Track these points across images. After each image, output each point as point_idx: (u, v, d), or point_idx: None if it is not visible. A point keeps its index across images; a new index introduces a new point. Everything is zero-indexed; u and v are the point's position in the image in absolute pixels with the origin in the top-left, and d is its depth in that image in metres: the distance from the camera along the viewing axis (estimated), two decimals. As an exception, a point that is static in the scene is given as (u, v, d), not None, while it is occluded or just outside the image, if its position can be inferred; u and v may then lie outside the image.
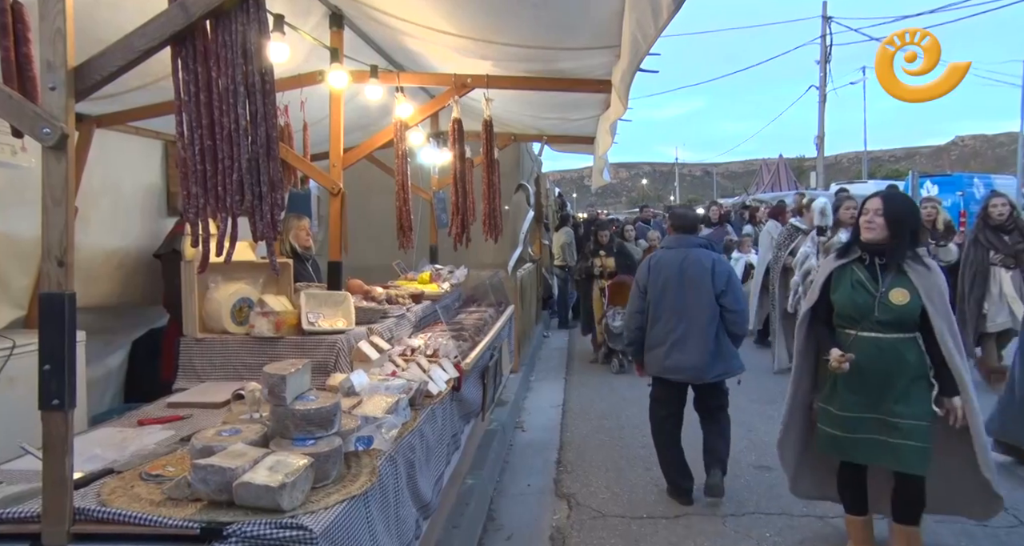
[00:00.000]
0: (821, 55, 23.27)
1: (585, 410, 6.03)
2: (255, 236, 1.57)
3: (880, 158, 73.17)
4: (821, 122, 23.90)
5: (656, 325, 4.06)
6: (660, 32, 1.88)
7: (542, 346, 9.28)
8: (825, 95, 23.61)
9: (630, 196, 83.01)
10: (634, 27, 1.99)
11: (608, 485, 4.40)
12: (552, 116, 5.15)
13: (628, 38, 2.12)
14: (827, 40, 22.98)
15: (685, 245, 4.12)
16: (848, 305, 3.01)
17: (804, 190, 17.32)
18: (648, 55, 2.18)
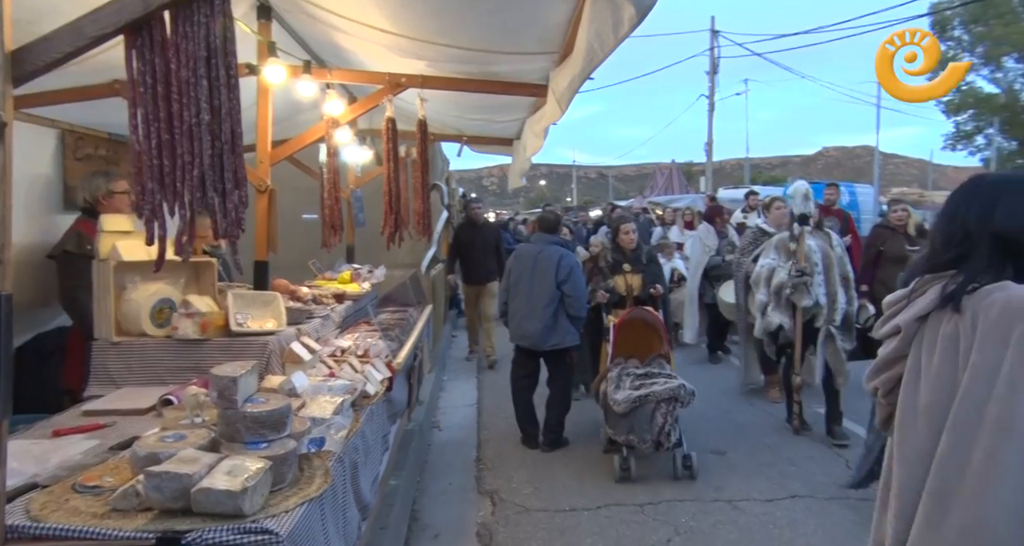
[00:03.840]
0: (710, 66, 24.63)
1: (500, 408, 6.11)
2: (217, 234, 1.52)
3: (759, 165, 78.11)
4: (710, 129, 25.28)
5: (514, 301, 5.06)
6: (619, 43, 1.97)
7: (451, 345, 9.30)
8: (713, 104, 25.00)
9: (528, 197, 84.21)
10: (592, 36, 2.06)
11: (530, 480, 4.51)
12: (478, 117, 5.19)
13: (584, 46, 2.20)
14: (715, 52, 24.36)
15: (543, 242, 5.13)
16: None
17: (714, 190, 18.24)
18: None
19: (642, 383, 4.42)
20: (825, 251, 5.04)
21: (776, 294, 5.02)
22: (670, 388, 4.26)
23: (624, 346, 4.95)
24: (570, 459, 4.88)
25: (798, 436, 5.17)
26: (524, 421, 5.17)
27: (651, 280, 5.27)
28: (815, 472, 4.49)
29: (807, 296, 4.88)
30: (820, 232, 5.14)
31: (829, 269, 5.01)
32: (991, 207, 1.46)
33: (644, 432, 4.18)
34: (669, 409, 4.21)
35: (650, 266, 5.34)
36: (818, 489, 4.22)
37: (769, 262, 5.15)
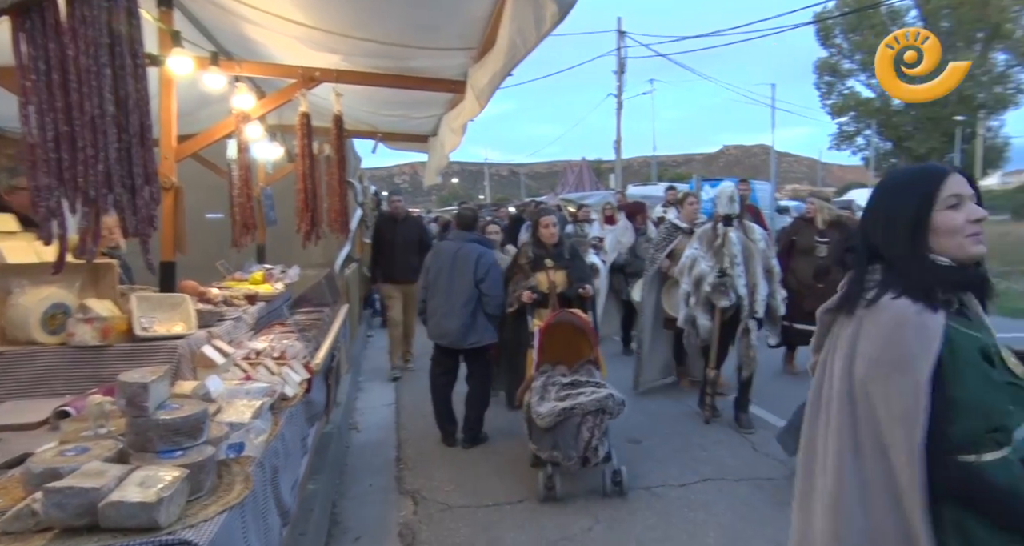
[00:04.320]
0: (617, 66, 25.27)
1: (419, 407, 6.05)
2: (126, 233, 1.43)
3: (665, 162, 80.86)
4: (618, 128, 25.95)
5: (433, 299, 5.00)
6: (541, 39, 1.99)
7: (367, 346, 9.14)
8: (621, 103, 25.68)
9: (441, 195, 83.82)
10: (514, 33, 2.08)
11: (451, 477, 4.50)
12: (393, 113, 5.10)
13: (506, 43, 2.20)
14: (622, 53, 25.02)
15: (462, 239, 5.08)
16: (991, 404, 1.37)
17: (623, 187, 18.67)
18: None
19: (568, 393, 4.09)
20: (745, 244, 5.10)
21: (696, 285, 5.08)
22: (597, 399, 3.94)
23: (551, 352, 4.57)
24: (491, 454, 4.90)
25: (708, 423, 5.40)
26: (443, 419, 5.16)
27: (576, 277, 4.91)
28: (724, 456, 4.71)
29: (725, 297, 4.96)
30: (740, 225, 5.20)
31: (749, 261, 5.08)
32: (867, 209, 1.55)
33: (569, 448, 3.87)
34: (596, 422, 3.91)
35: (574, 262, 5.00)
36: (727, 472, 4.43)
37: (692, 253, 5.18)
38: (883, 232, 1.47)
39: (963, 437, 1.35)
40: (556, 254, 4.92)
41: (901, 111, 39.38)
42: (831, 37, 40.46)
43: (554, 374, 4.44)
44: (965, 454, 1.37)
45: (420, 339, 6.63)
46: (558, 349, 4.62)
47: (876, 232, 1.50)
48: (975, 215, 1.42)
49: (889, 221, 1.46)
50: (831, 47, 40.72)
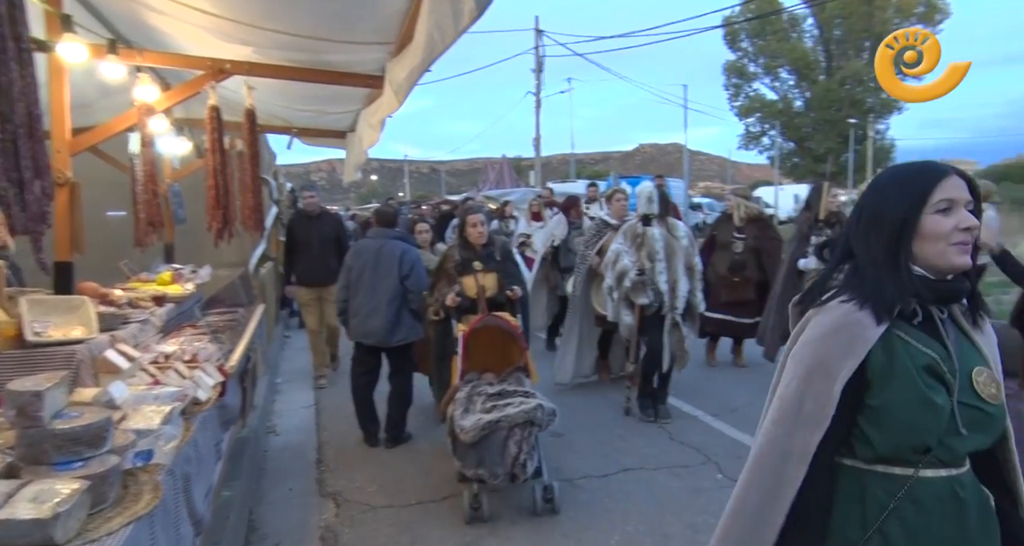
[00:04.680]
0: (535, 64, 25.50)
1: (339, 408, 5.93)
2: (14, 230, 1.33)
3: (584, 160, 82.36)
4: (537, 126, 26.21)
5: (356, 298, 4.89)
6: (459, 34, 1.98)
7: (284, 347, 8.87)
8: (540, 101, 25.94)
9: (359, 192, 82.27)
10: (432, 27, 2.05)
11: (374, 478, 4.43)
12: (309, 108, 4.94)
13: (424, 38, 2.18)
14: (539, 51, 25.28)
15: (384, 236, 5.00)
16: (918, 421, 1.32)
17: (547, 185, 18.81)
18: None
19: (495, 404, 3.81)
20: (667, 240, 5.15)
21: (618, 280, 5.13)
22: (525, 410, 3.66)
23: (477, 359, 4.32)
24: (414, 453, 4.87)
25: (627, 415, 5.53)
26: (365, 419, 5.08)
27: (507, 280, 4.54)
28: (643, 446, 4.85)
29: (644, 295, 5.04)
30: (663, 221, 5.25)
31: (671, 258, 5.13)
32: (857, 205, 1.48)
33: (496, 465, 3.59)
34: (525, 435, 3.64)
35: (505, 263, 4.64)
36: (646, 461, 4.56)
37: (617, 247, 5.24)
38: (865, 230, 1.41)
39: (887, 449, 1.34)
40: (485, 256, 4.55)
41: (802, 113, 41.65)
42: (738, 41, 42.29)
43: (480, 383, 4.15)
44: (894, 466, 1.35)
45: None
46: (485, 356, 4.37)
47: (858, 229, 1.43)
48: (965, 223, 1.33)
49: (874, 219, 1.39)
50: (738, 50, 42.57)
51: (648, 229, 5.09)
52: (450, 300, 4.42)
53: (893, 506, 1.33)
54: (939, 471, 1.35)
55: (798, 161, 42.96)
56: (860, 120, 40.09)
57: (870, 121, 40.69)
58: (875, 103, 40.33)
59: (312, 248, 6.49)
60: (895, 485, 1.34)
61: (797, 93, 42.35)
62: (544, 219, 9.05)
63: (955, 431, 1.32)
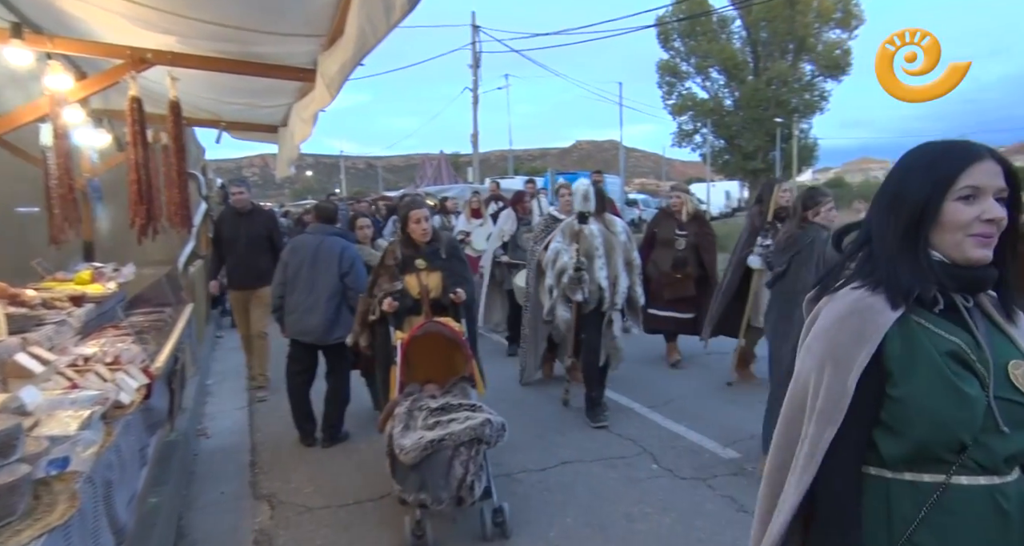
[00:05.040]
0: (472, 60, 25.45)
1: (274, 408, 5.80)
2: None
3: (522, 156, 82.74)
4: (475, 122, 26.17)
5: (293, 295, 4.81)
6: (391, 28, 1.96)
7: (216, 347, 8.60)
8: (477, 97, 25.91)
9: (294, 188, 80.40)
10: (363, 20, 2.02)
11: (311, 478, 4.36)
12: (238, 101, 4.78)
13: (355, 31, 2.14)
14: (476, 47, 25.24)
15: (323, 232, 4.94)
16: (947, 412, 1.19)
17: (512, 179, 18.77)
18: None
19: (438, 420, 3.49)
20: (606, 236, 5.16)
21: (559, 278, 5.12)
22: (471, 427, 3.35)
23: (419, 368, 3.98)
24: (352, 452, 4.81)
25: (566, 408, 5.60)
26: (301, 419, 4.98)
27: (453, 280, 4.19)
28: (581, 439, 4.92)
29: (580, 292, 5.04)
30: (601, 218, 5.25)
31: (610, 254, 5.13)
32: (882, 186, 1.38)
33: (439, 489, 3.23)
34: (472, 454, 3.31)
35: (451, 262, 4.26)
36: (584, 454, 4.63)
37: (556, 246, 5.22)
38: (884, 211, 1.31)
39: (916, 447, 1.20)
40: (430, 253, 4.20)
41: (732, 112, 42.98)
42: (670, 40, 43.25)
43: (421, 397, 3.77)
44: (923, 472, 1.21)
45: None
46: (427, 365, 4.02)
47: (878, 210, 1.33)
48: (989, 213, 1.21)
49: (895, 200, 1.30)
50: (670, 50, 43.55)
51: (585, 226, 5.08)
52: (387, 306, 4.06)
53: (922, 516, 1.19)
54: (977, 478, 1.20)
55: (729, 158, 44.33)
56: (785, 119, 41.71)
57: (795, 120, 42.36)
58: (799, 103, 42.02)
59: (240, 248, 6.07)
60: (923, 495, 1.20)
61: (727, 92, 43.65)
62: (483, 216, 9.04)
63: (994, 429, 1.18)
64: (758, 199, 5.96)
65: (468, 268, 4.58)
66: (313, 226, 5.16)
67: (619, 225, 5.37)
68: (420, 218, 4.20)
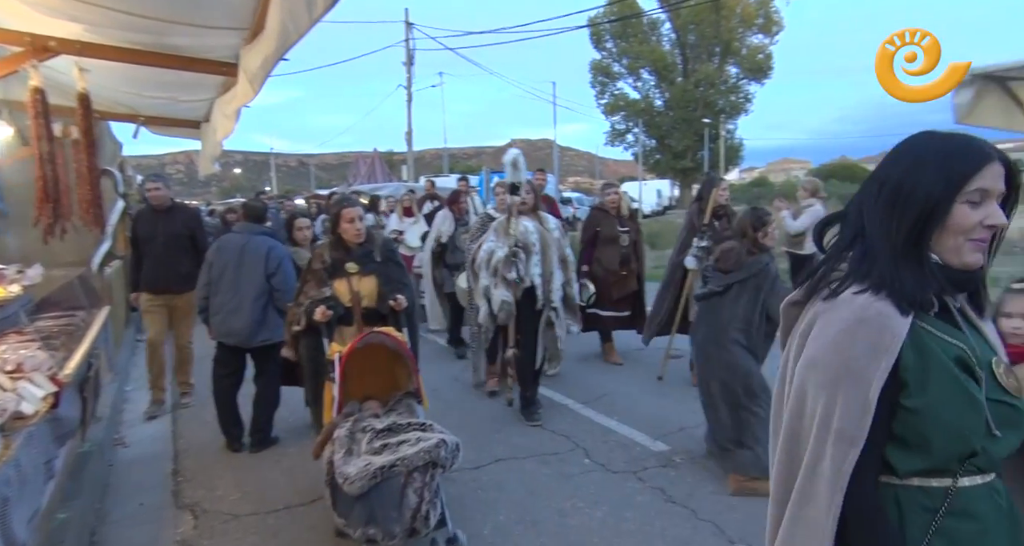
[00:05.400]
0: (406, 57, 25.18)
1: (198, 413, 5.59)
2: None
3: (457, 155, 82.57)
4: (409, 119, 25.92)
5: (217, 296, 4.69)
6: (314, 23, 1.91)
7: (136, 352, 8.21)
8: (411, 95, 25.66)
9: (221, 186, 77.88)
10: (285, 15, 1.96)
11: (238, 485, 4.22)
12: (157, 95, 4.55)
13: (276, 25, 2.07)
14: (410, 44, 24.99)
15: (250, 231, 4.81)
16: (964, 422, 1.18)
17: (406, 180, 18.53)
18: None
19: (385, 443, 3.14)
20: (541, 233, 5.08)
21: (494, 273, 4.99)
22: (425, 450, 3.02)
23: (358, 384, 3.58)
24: (281, 456, 4.68)
25: (498, 405, 5.61)
26: (228, 423, 4.83)
27: (389, 286, 3.84)
28: (515, 435, 4.94)
29: (515, 269, 4.88)
30: (535, 215, 5.18)
31: (545, 250, 5.06)
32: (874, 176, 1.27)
33: (391, 522, 2.88)
34: (426, 480, 2.98)
35: (387, 266, 3.92)
36: (518, 451, 4.65)
37: (490, 245, 5.05)
38: (886, 207, 1.21)
39: (932, 459, 1.16)
40: (363, 256, 3.86)
41: (662, 112, 44.11)
42: (603, 41, 44.01)
43: (363, 416, 3.39)
44: (931, 477, 1.18)
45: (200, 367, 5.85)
46: (366, 380, 3.65)
47: (876, 204, 1.22)
48: (992, 219, 1.16)
49: (900, 194, 1.19)
50: (603, 50, 44.31)
51: (515, 200, 4.92)
52: (320, 315, 3.65)
53: (936, 526, 1.16)
54: (975, 478, 1.19)
55: (660, 157, 45.45)
56: (713, 120, 43.08)
57: (721, 121, 43.80)
58: (725, 104, 43.50)
59: (158, 247, 5.54)
60: (935, 500, 1.17)
61: (657, 93, 44.75)
62: (416, 214, 8.94)
63: (988, 431, 1.16)
64: (698, 196, 6.05)
65: (406, 272, 4.22)
66: (240, 225, 5.02)
67: (552, 222, 5.32)
68: (353, 217, 3.84)
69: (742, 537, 3.43)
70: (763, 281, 3.89)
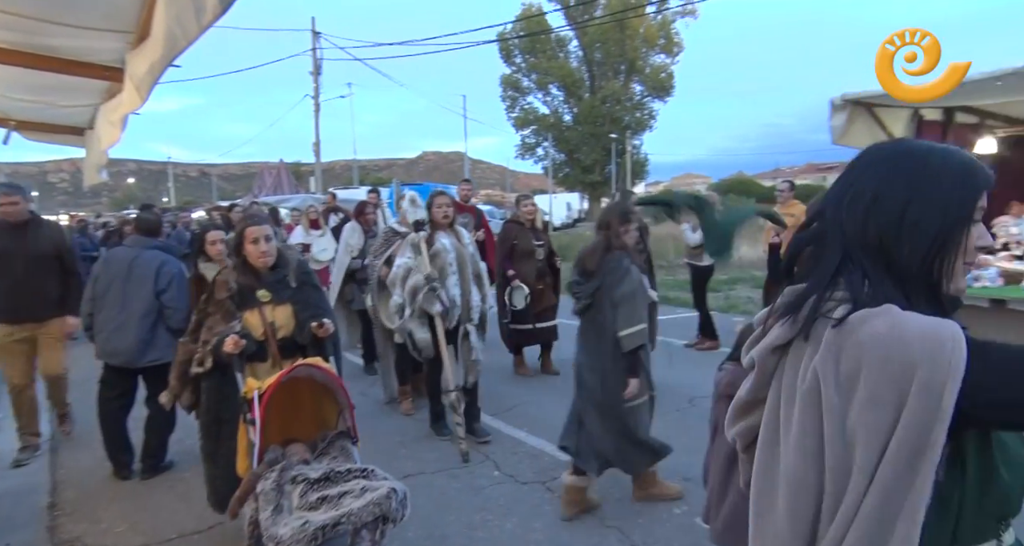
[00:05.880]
0: (313, 67, 24.65)
1: (82, 439, 5.20)
2: None
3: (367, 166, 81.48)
4: (317, 130, 25.36)
5: (102, 312, 4.43)
6: (203, 30, 1.82)
7: (11, 376, 7.57)
8: (319, 105, 25.13)
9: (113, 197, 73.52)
10: (172, 21, 1.87)
11: (125, 515, 3.96)
12: (32, 99, 4.20)
13: (163, 30, 1.97)
14: (317, 53, 24.49)
15: (141, 245, 4.59)
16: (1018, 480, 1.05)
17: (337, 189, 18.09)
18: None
19: (324, 495, 2.64)
20: (458, 250, 4.93)
21: (412, 296, 4.73)
22: (375, 502, 2.57)
23: (277, 426, 3.05)
24: (175, 481, 4.43)
25: (404, 419, 5.53)
26: (116, 449, 4.54)
27: (307, 313, 3.34)
28: (423, 450, 4.89)
29: (436, 303, 4.71)
30: (451, 230, 5.02)
31: (463, 268, 4.91)
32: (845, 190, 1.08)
33: None
34: (376, 539, 2.58)
35: (304, 292, 3.41)
36: (426, 466, 4.59)
37: (405, 261, 4.79)
38: (889, 226, 1.02)
39: (994, 511, 1.01)
40: (274, 282, 3.33)
41: (571, 127, 45.22)
42: (512, 56, 44.73)
43: (291, 463, 2.83)
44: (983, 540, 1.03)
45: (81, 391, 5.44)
46: (288, 420, 3.12)
47: (871, 223, 1.03)
48: (984, 240, 1.05)
49: (927, 204, 1.01)
50: (512, 65, 45.02)
51: (422, 236, 4.81)
52: (231, 345, 3.07)
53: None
54: (1010, 535, 1.06)
55: (569, 171, 46.50)
56: (619, 135, 44.54)
57: (628, 136, 45.35)
58: (631, 120, 45.10)
59: (17, 268, 4.70)
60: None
61: (566, 108, 45.84)
62: (323, 227, 8.71)
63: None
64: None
65: (326, 298, 3.74)
66: (131, 238, 4.75)
67: (466, 236, 5.19)
68: (257, 237, 3.26)
69: (645, 541, 3.52)
70: (616, 277, 3.67)
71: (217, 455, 3.32)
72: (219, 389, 3.29)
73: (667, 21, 43.82)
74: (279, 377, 2.89)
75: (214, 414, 3.33)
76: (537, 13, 41.87)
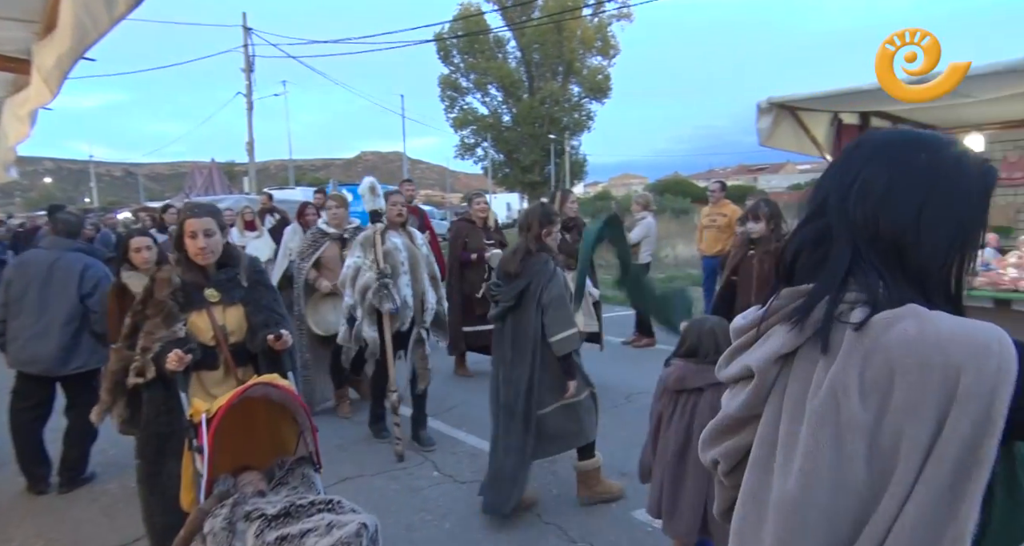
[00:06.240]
0: (245, 64, 23.96)
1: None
2: None
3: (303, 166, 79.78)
4: (250, 129, 24.64)
5: (18, 319, 4.21)
6: (115, 22, 1.74)
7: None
8: (252, 103, 24.43)
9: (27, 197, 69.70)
10: (81, 11, 1.77)
11: (41, 532, 3.75)
12: None
13: (71, 21, 1.87)
14: (249, 50, 23.81)
15: (61, 247, 4.36)
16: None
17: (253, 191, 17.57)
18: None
19: (283, 534, 2.23)
20: (411, 250, 4.80)
21: (362, 296, 4.57)
22: (344, 541, 2.18)
23: (228, 453, 2.60)
24: (97, 494, 4.24)
25: (342, 422, 5.44)
26: (30, 463, 4.30)
27: (261, 316, 3.03)
28: (362, 452, 4.82)
29: (389, 300, 4.53)
30: (403, 230, 4.89)
31: (415, 268, 4.79)
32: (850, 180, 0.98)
33: None
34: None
35: (257, 292, 3.09)
36: (366, 468, 4.53)
37: (355, 261, 4.63)
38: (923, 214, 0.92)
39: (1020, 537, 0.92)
40: (224, 280, 3.00)
41: (510, 128, 45.38)
42: (450, 56, 44.55)
43: (244, 496, 2.41)
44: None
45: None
46: (241, 444, 2.69)
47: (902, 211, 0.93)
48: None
49: (948, 201, 0.93)
50: (450, 65, 44.85)
51: (379, 227, 4.66)
52: (174, 361, 2.68)
53: None
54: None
55: (509, 171, 46.64)
56: (558, 136, 44.98)
57: (566, 137, 45.84)
58: (569, 122, 45.59)
59: None
60: None
61: (505, 109, 45.96)
62: (259, 228, 8.48)
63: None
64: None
65: (280, 300, 3.30)
66: (49, 240, 4.50)
67: (419, 237, 5.05)
68: (196, 231, 2.88)
69: (583, 536, 3.57)
70: (543, 280, 3.63)
71: (157, 479, 2.87)
72: (164, 400, 2.86)
73: (603, 23, 44.46)
74: (230, 399, 2.44)
75: (154, 428, 2.86)
76: (475, 13, 41.85)
